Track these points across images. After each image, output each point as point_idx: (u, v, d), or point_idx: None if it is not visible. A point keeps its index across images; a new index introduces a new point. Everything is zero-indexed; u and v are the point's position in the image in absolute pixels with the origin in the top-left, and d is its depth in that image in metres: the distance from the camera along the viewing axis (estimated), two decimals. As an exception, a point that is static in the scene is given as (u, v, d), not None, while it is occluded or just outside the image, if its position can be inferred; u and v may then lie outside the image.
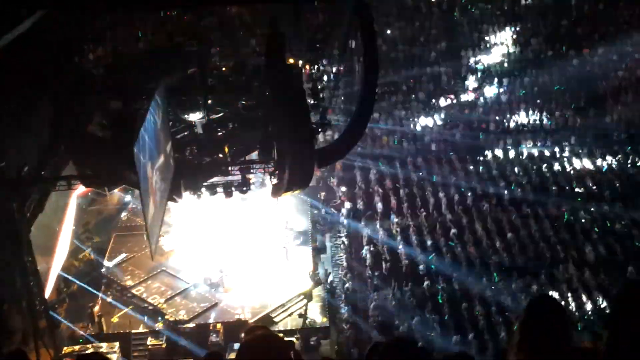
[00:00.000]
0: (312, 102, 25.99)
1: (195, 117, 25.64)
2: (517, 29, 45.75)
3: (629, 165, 38.48)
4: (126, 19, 26.77)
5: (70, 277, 30.00)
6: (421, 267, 30.85)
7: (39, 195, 22.99)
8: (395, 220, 34.28)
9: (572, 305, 28.13)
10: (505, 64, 44.32)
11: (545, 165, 38.55)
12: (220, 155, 26.24)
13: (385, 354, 5.72)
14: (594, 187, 36.38)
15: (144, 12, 26.57)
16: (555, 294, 28.75)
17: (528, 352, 4.90)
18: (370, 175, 37.88)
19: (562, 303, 5.28)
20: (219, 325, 27.38)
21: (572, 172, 37.97)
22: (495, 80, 43.45)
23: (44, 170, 23.10)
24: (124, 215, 35.13)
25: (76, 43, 24.49)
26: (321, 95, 28.16)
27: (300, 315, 28.68)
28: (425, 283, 29.95)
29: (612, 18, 45.74)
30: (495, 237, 32.60)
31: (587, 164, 38.66)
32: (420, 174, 38.12)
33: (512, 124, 41.49)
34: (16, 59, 19.56)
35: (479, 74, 43.90)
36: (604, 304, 27.87)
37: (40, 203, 23.09)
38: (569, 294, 28.78)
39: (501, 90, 43.07)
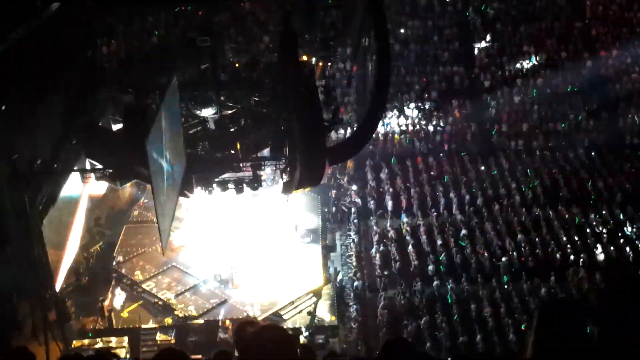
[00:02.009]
0: (324, 99, 25.96)
1: (207, 112, 25.68)
2: (531, 29, 45.55)
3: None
4: (140, 13, 26.82)
5: (80, 271, 30.12)
6: (430, 267, 30.81)
7: (51, 188, 23.06)
8: (406, 219, 34.25)
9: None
10: (519, 65, 44.13)
11: (556, 167, 38.36)
12: (232, 152, 26.26)
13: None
14: (605, 189, 36.20)
15: (158, 7, 26.62)
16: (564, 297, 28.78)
17: (543, 353, 4.85)
18: (381, 174, 37.79)
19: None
20: (227, 322, 27.40)
21: (583, 173, 37.74)
22: (508, 80, 43.25)
23: (56, 163, 23.18)
24: (135, 210, 35.22)
25: (90, 37, 24.57)
26: (333, 93, 28.16)
27: (309, 313, 28.64)
28: (435, 283, 29.92)
29: (626, 20, 45.52)
30: (506, 238, 32.49)
31: (599, 166, 38.48)
32: (432, 173, 38.01)
33: (524, 125, 41.32)
34: (29, 52, 19.63)
35: (492, 74, 43.72)
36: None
37: (52, 196, 23.18)
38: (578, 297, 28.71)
39: (514, 90, 42.85)
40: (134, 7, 25.09)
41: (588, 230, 33.12)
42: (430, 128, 41.08)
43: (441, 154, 39.67)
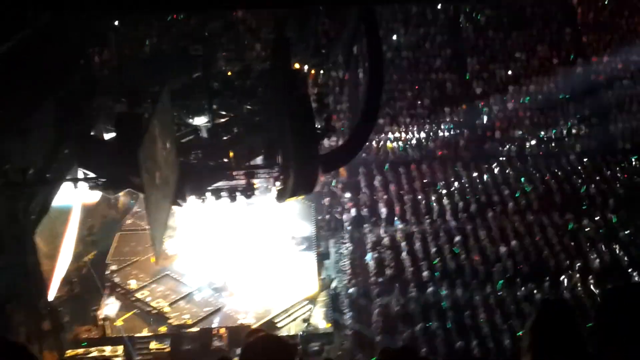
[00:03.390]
0: (316, 107, 25.95)
1: (200, 121, 25.66)
2: (523, 36, 45.70)
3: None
4: (132, 22, 26.76)
5: (73, 280, 30.04)
6: (425, 273, 30.80)
7: (44, 197, 22.97)
8: (400, 226, 34.27)
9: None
10: (510, 71, 44.26)
11: (549, 173, 38.45)
12: (225, 160, 26.23)
13: None
14: (598, 195, 36.28)
15: (150, 15, 26.59)
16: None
17: (539, 356, 4.84)
18: (374, 182, 37.82)
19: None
20: (222, 330, 27.33)
21: (576, 179, 37.85)
22: (501, 87, 43.37)
23: (49, 172, 23.09)
24: (128, 218, 35.17)
25: (81, 46, 24.51)
26: (326, 100, 28.16)
27: (304, 321, 28.64)
28: (429, 290, 29.92)
29: (617, 26, 45.72)
30: (500, 244, 32.51)
31: (592, 172, 38.59)
32: (425, 180, 38.04)
33: (516, 132, 41.43)
34: (21, 61, 19.58)
35: (484, 81, 43.84)
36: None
37: (45, 205, 23.06)
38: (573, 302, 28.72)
39: (506, 97, 42.97)
40: (126, 16, 25.06)
41: (581, 236, 33.21)
42: (423, 135, 41.16)
43: (434, 161, 39.71)
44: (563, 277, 30.47)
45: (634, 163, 39.54)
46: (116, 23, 25.55)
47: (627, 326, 4.56)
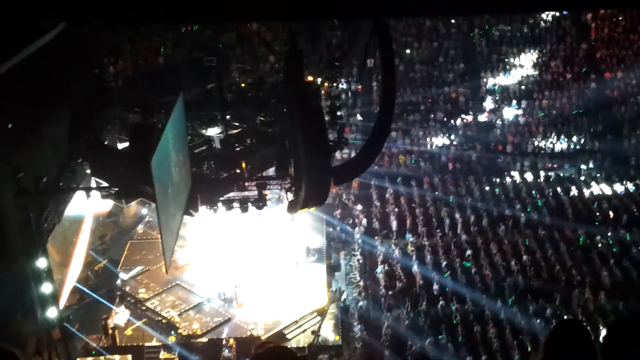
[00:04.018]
0: (329, 119, 25.97)
1: (213, 132, 25.75)
2: (537, 51, 45.71)
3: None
4: (147, 33, 26.96)
5: (84, 289, 30.11)
6: (435, 287, 30.72)
7: (56, 206, 23.06)
8: (411, 239, 34.21)
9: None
10: (524, 86, 44.24)
11: (561, 188, 38.36)
12: (237, 171, 26.28)
13: None
14: (611, 212, 36.13)
15: (165, 27, 26.77)
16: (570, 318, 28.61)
17: None
18: (386, 194, 37.80)
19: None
20: (231, 341, 27.33)
21: (589, 196, 37.73)
22: (514, 102, 43.34)
23: (62, 181, 23.20)
24: (140, 228, 35.27)
25: (96, 56, 24.67)
26: (339, 112, 28.18)
27: (313, 333, 28.58)
28: (440, 304, 29.82)
29: (630, 42, 45.64)
30: (511, 259, 32.39)
31: (605, 188, 38.47)
32: (437, 194, 38.00)
33: (529, 146, 41.37)
34: (37, 70, 19.71)
35: (497, 96, 43.83)
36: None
37: (58, 214, 23.15)
38: (584, 318, 28.56)
39: (519, 112, 42.96)
40: (141, 27, 25.22)
41: (593, 251, 33.05)
42: (435, 148, 41.17)
43: (446, 175, 39.66)
44: (574, 292, 30.29)
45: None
46: (131, 34, 25.76)
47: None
